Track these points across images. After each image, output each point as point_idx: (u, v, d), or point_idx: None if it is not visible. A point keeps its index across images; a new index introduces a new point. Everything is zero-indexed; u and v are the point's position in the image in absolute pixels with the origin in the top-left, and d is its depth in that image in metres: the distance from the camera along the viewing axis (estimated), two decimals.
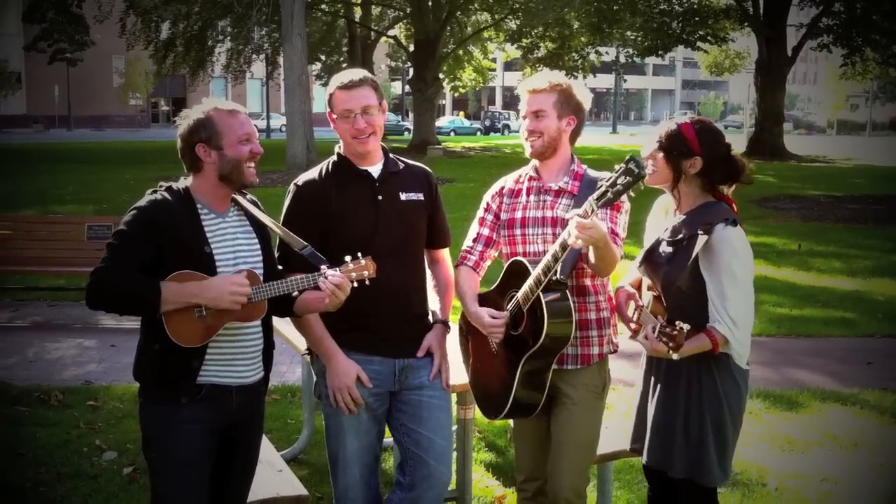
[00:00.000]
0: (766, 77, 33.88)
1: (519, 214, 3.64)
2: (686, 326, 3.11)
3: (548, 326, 3.31)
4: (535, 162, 3.67)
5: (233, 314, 3.09)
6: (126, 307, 3.15)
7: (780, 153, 34.01)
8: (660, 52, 36.19)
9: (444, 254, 3.79)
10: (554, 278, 3.30)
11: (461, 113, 77.10)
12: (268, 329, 3.37)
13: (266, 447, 4.25)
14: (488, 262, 3.78)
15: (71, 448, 5.52)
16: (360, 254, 3.18)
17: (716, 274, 3.29)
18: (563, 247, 3.20)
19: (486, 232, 3.74)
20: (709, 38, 36.12)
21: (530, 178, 3.68)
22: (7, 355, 7.68)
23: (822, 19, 33.44)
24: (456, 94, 61.14)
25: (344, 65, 41.40)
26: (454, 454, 4.39)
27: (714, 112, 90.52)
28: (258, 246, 3.31)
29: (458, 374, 3.81)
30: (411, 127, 43.63)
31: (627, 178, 3.00)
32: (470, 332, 3.75)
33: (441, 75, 41.03)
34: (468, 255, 3.74)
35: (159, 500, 3.24)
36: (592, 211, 3.06)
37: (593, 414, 3.63)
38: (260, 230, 3.34)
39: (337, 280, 3.09)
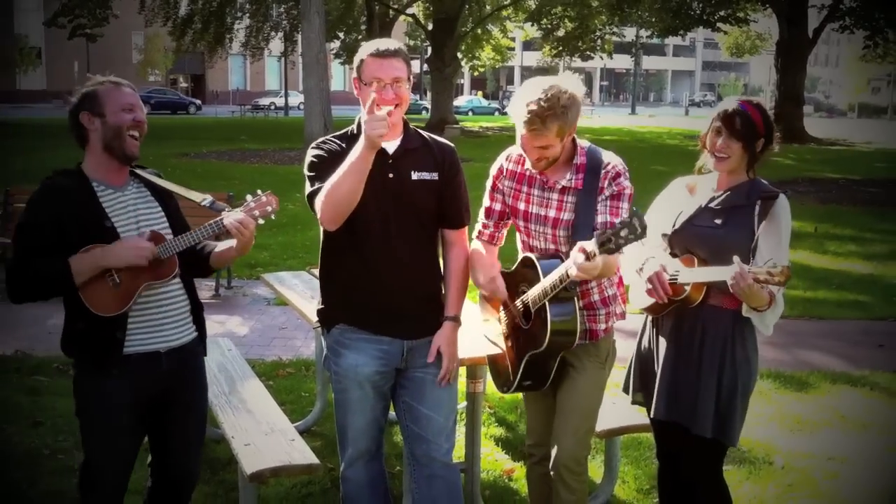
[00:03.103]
0: (786, 59, 33.59)
1: (522, 206, 3.62)
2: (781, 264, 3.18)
3: (550, 335, 3.39)
4: None
5: (145, 274, 3.22)
6: (45, 291, 3.23)
7: (799, 136, 33.78)
8: (680, 33, 36.01)
9: (459, 235, 3.65)
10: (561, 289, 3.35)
11: (479, 92, 76.85)
12: (191, 290, 3.50)
13: (279, 417, 4.36)
14: (505, 232, 3.76)
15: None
16: (259, 191, 3.32)
17: (776, 238, 3.43)
18: (564, 278, 3.25)
19: (497, 206, 3.71)
20: (729, 18, 35.87)
21: (531, 169, 3.60)
22: (27, 326, 7.79)
23: (843, 1, 33.13)
24: (475, 74, 61.11)
25: (363, 43, 41.28)
26: (463, 427, 4.47)
27: (734, 94, 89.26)
28: (161, 213, 3.43)
29: (467, 347, 3.82)
30: (429, 106, 43.59)
31: (631, 234, 3.03)
32: (491, 304, 3.81)
33: (459, 54, 40.95)
34: (483, 231, 3.74)
35: (87, 464, 3.40)
36: (595, 255, 3.09)
37: (596, 382, 3.67)
38: (163, 198, 3.47)
39: (239, 217, 3.24)
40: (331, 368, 3.62)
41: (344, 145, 3.46)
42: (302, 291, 5.26)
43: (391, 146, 3.48)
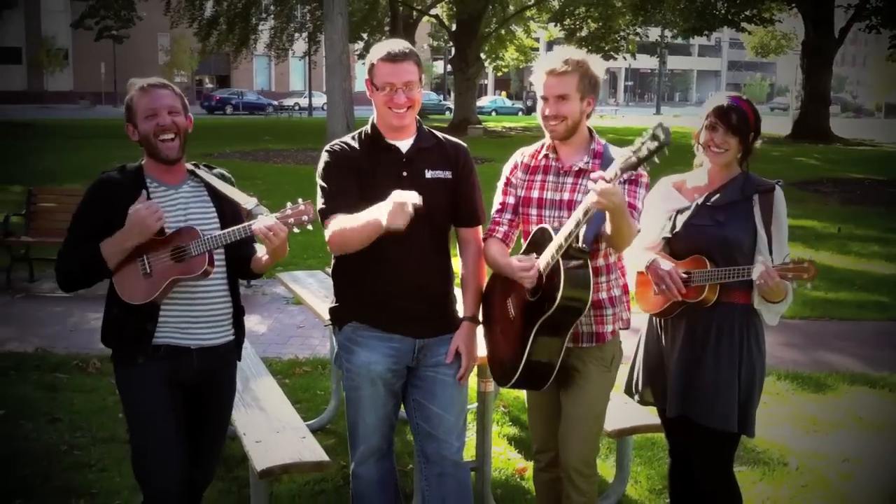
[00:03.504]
0: (812, 59, 33.32)
1: (535, 194, 3.61)
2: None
3: (563, 291, 3.25)
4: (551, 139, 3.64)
5: (174, 269, 3.25)
6: (86, 278, 3.35)
7: (825, 136, 33.55)
8: (704, 33, 35.81)
9: (474, 234, 3.68)
10: (575, 245, 3.28)
11: (503, 93, 76.74)
12: (235, 293, 3.53)
13: (291, 415, 4.39)
14: (517, 232, 3.73)
15: (106, 414, 5.68)
16: (300, 199, 3.28)
17: (777, 230, 3.51)
18: (585, 211, 3.19)
19: (511, 201, 3.69)
20: (754, 19, 35.63)
21: (547, 157, 3.63)
22: (48, 325, 7.89)
23: (870, 0, 32.83)
24: (498, 74, 61.01)
25: (373, 46, 41.30)
26: (474, 426, 4.48)
27: (760, 94, 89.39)
28: (214, 213, 3.45)
29: (480, 346, 3.79)
30: (452, 106, 43.59)
31: (655, 143, 2.97)
32: (492, 297, 3.73)
33: (483, 55, 40.93)
34: (497, 227, 3.69)
35: (134, 451, 3.44)
36: (616, 175, 3.06)
37: (602, 387, 3.64)
38: (219, 200, 3.48)
39: (269, 223, 3.21)
40: (342, 366, 3.63)
41: (357, 147, 3.53)
42: (316, 290, 5.29)
43: (405, 145, 3.52)
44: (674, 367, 3.64)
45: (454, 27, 38.29)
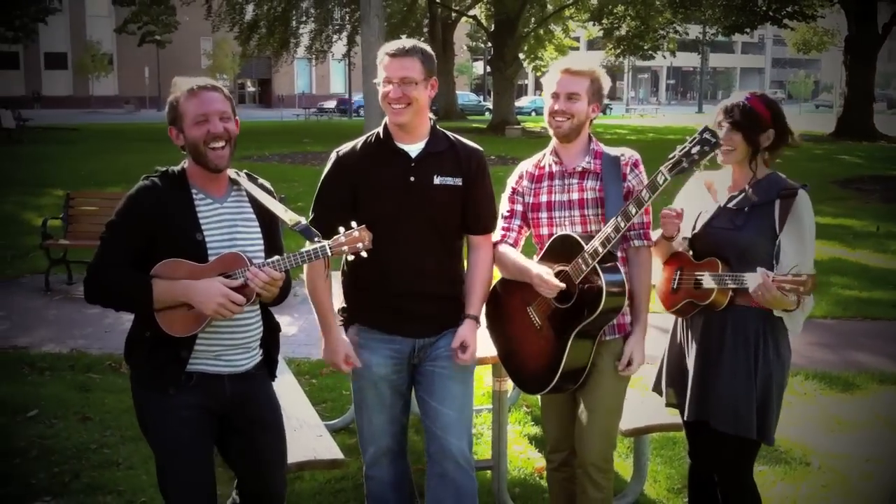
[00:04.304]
0: (855, 55, 32.82)
1: (544, 198, 3.67)
2: (806, 272, 3.19)
3: (606, 296, 3.35)
4: (553, 145, 3.71)
5: None
6: (119, 303, 3.14)
7: (869, 133, 33.02)
8: (745, 30, 35.45)
9: (484, 240, 3.67)
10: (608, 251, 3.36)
11: (543, 93, 76.35)
12: (267, 314, 3.36)
13: (309, 414, 4.46)
14: (523, 240, 3.79)
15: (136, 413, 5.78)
16: (354, 223, 3.10)
17: (798, 236, 3.39)
18: (627, 217, 3.29)
19: (519, 208, 3.73)
20: (796, 15, 35.19)
21: (551, 163, 3.70)
22: (85, 326, 8.07)
23: None
24: (538, 74, 60.79)
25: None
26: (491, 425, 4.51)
27: (804, 91, 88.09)
28: (258, 232, 3.24)
29: (480, 347, 3.79)
30: (492, 107, 43.60)
31: (704, 147, 3.14)
32: (506, 304, 3.77)
33: (521, 55, 40.86)
34: (507, 233, 3.72)
35: (161, 471, 3.28)
36: (665, 181, 3.19)
37: (618, 381, 3.65)
38: (263, 214, 3.26)
39: (263, 277, 3.01)
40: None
41: (366, 150, 3.56)
42: (336, 291, 5.33)
43: (414, 149, 3.51)
44: (692, 370, 3.63)
45: (492, 27, 38.28)
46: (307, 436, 4.15)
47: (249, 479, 3.43)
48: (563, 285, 3.40)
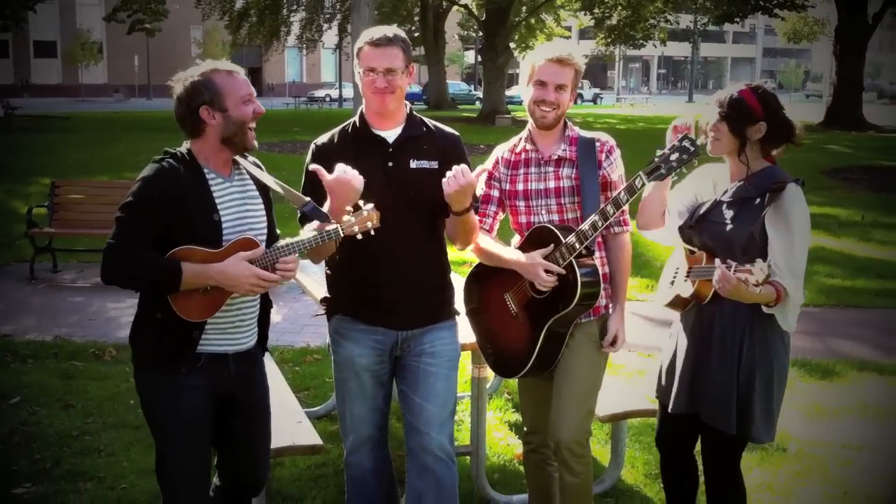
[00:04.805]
0: (845, 44, 32.82)
1: (521, 186, 3.69)
2: (766, 265, 3.12)
3: (580, 290, 3.41)
4: (529, 131, 3.72)
5: None
6: (144, 285, 3.13)
7: (858, 123, 33.07)
8: (736, 20, 35.47)
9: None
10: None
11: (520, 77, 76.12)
12: (264, 295, 3.39)
13: (289, 400, 4.47)
14: (498, 224, 3.81)
15: (118, 400, 5.82)
16: (361, 202, 3.17)
17: (785, 231, 3.34)
18: (605, 217, 3.34)
19: (495, 193, 3.76)
20: (787, 4, 35.21)
21: (526, 150, 3.72)
22: (69, 314, 8.08)
23: None
24: None
25: (416, 34, 41.47)
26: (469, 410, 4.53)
27: (795, 81, 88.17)
28: (262, 211, 3.32)
29: (468, 336, 3.87)
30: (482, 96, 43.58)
31: (682, 155, 3.20)
32: (482, 289, 3.80)
33: (513, 44, 40.81)
34: (483, 220, 3.74)
35: (162, 458, 3.28)
36: (643, 185, 3.25)
37: (593, 362, 3.68)
38: (264, 193, 3.35)
39: (292, 267, 3.19)
40: (335, 350, 3.68)
41: (344, 138, 3.57)
42: (320, 279, 5.35)
43: (391, 135, 3.50)
44: (680, 363, 3.64)
45: (484, 17, 38.21)
46: (287, 422, 4.17)
47: (236, 463, 3.46)
48: (556, 281, 3.45)
